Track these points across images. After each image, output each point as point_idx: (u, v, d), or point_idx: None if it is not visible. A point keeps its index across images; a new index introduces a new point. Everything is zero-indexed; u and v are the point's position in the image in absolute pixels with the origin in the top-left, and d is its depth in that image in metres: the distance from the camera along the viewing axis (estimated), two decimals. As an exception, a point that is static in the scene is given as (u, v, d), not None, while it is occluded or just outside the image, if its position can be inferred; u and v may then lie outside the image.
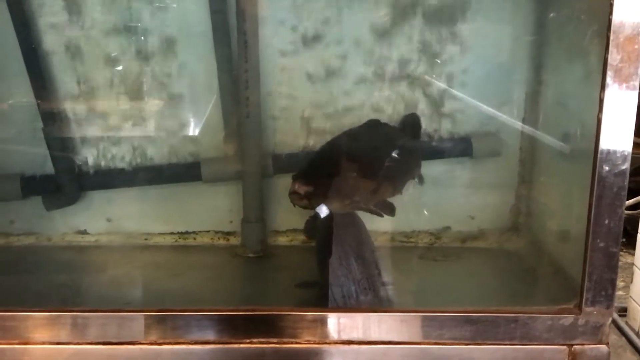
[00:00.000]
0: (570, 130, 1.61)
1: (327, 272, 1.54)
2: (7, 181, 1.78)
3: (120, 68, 1.74)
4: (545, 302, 1.55)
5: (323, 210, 1.66)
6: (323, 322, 1.32)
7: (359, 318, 1.34)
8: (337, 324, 1.32)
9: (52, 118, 1.74)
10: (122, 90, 1.76)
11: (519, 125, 1.82)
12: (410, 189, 1.79)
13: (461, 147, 1.81)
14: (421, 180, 1.70)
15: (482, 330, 1.32)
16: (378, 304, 1.52)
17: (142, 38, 1.73)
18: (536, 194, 1.83)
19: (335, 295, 1.46)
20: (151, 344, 1.33)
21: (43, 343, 1.34)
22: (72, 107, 1.76)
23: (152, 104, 1.77)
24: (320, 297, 1.51)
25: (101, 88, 1.75)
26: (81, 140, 1.79)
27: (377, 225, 1.85)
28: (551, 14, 1.74)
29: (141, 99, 1.77)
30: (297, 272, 1.69)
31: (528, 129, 1.82)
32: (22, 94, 1.73)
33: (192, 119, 1.79)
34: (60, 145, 1.76)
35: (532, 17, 1.77)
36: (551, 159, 1.76)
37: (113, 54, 1.74)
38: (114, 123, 1.77)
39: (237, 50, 1.70)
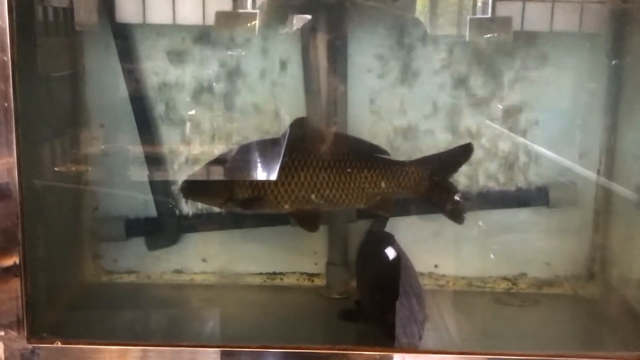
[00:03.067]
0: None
1: (376, 306, 1.62)
2: (113, 223, 1.91)
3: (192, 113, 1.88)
4: (623, 348, 1.61)
5: (391, 252, 1.75)
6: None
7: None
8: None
9: (156, 164, 1.88)
10: (218, 137, 1.89)
11: (594, 176, 1.88)
12: (476, 232, 1.89)
13: (538, 197, 1.88)
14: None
15: (564, 374, 1.38)
16: (442, 345, 1.58)
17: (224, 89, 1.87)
18: (612, 243, 1.88)
19: (399, 336, 1.50)
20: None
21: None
22: (174, 154, 1.90)
23: (246, 152, 1.88)
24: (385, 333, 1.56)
25: (200, 136, 1.89)
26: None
27: (455, 270, 1.94)
28: (626, 64, 1.81)
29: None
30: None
31: (603, 179, 1.88)
32: (129, 141, 1.88)
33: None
34: (163, 190, 1.90)
35: (606, 69, 1.84)
36: (626, 209, 1.80)
37: (208, 103, 1.88)
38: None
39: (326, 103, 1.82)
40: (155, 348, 1.43)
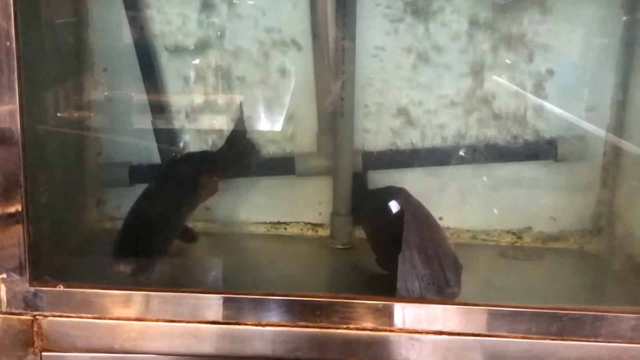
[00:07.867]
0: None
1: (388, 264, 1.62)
2: (116, 169, 1.90)
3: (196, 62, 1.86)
4: (628, 302, 1.61)
5: (394, 205, 1.74)
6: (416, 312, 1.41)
7: (445, 310, 1.42)
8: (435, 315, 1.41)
9: (160, 111, 1.86)
10: (224, 87, 1.87)
11: (603, 130, 1.86)
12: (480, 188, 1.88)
13: (547, 150, 1.86)
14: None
15: (568, 327, 1.38)
16: (445, 299, 1.56)
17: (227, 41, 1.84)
18: (619, 198, 1.87)
19: (400, 290, 1.50)
20: (255, 324, 1.43)
21: (119, 318, 1.44)
22: (178, 102, 1.87)
23: (252, 102, 1.87)
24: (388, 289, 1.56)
25: (204, 84, 1.87)
26: (186, 132, 1.90)
27: (460, 223, 1.93)
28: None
29: (242, 96, 1.87)
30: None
31: (612, 134, 1.86)
32: (133, 88, 1.85)
33: (288, 117, 1.89)
34: (167, 136, 1.88)
35: (621, 22, 1.80)
36: (635, 165, 1.80)
37: (216, 54, 1.85)
38: (217, 118, 1.89)
39: (334, 54, 1.79)
40: (158, 293, 1.43)
